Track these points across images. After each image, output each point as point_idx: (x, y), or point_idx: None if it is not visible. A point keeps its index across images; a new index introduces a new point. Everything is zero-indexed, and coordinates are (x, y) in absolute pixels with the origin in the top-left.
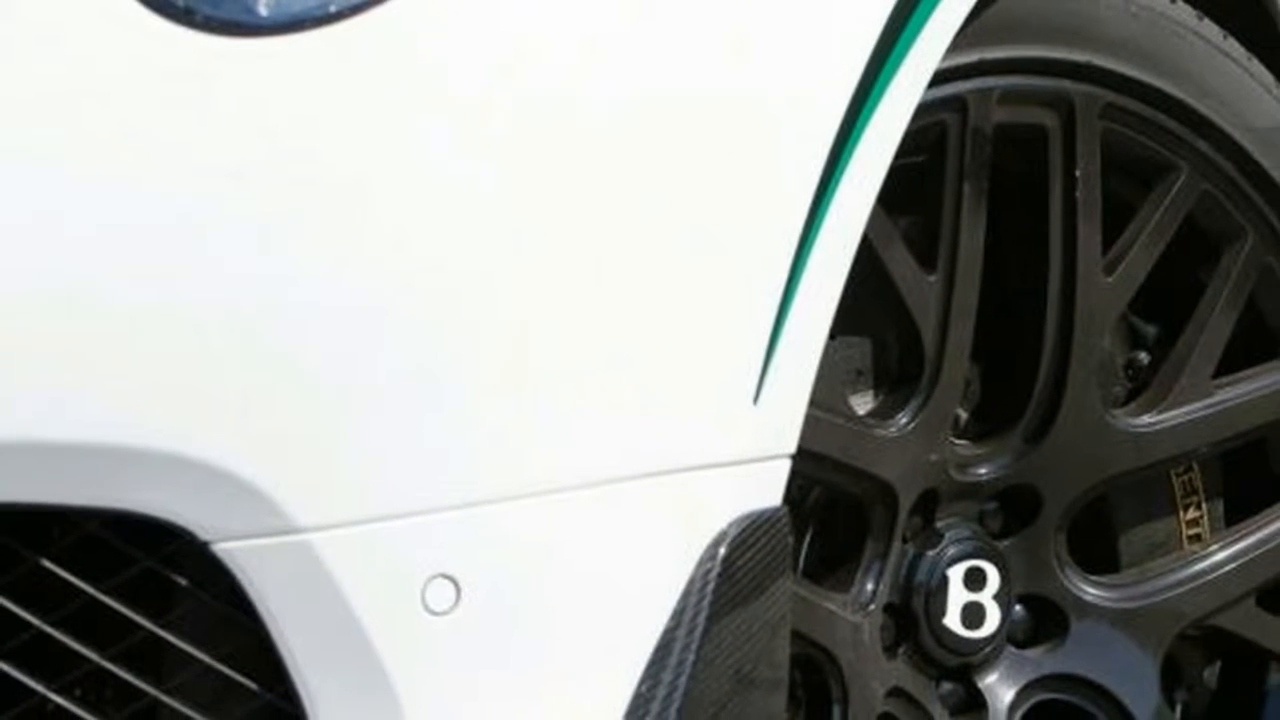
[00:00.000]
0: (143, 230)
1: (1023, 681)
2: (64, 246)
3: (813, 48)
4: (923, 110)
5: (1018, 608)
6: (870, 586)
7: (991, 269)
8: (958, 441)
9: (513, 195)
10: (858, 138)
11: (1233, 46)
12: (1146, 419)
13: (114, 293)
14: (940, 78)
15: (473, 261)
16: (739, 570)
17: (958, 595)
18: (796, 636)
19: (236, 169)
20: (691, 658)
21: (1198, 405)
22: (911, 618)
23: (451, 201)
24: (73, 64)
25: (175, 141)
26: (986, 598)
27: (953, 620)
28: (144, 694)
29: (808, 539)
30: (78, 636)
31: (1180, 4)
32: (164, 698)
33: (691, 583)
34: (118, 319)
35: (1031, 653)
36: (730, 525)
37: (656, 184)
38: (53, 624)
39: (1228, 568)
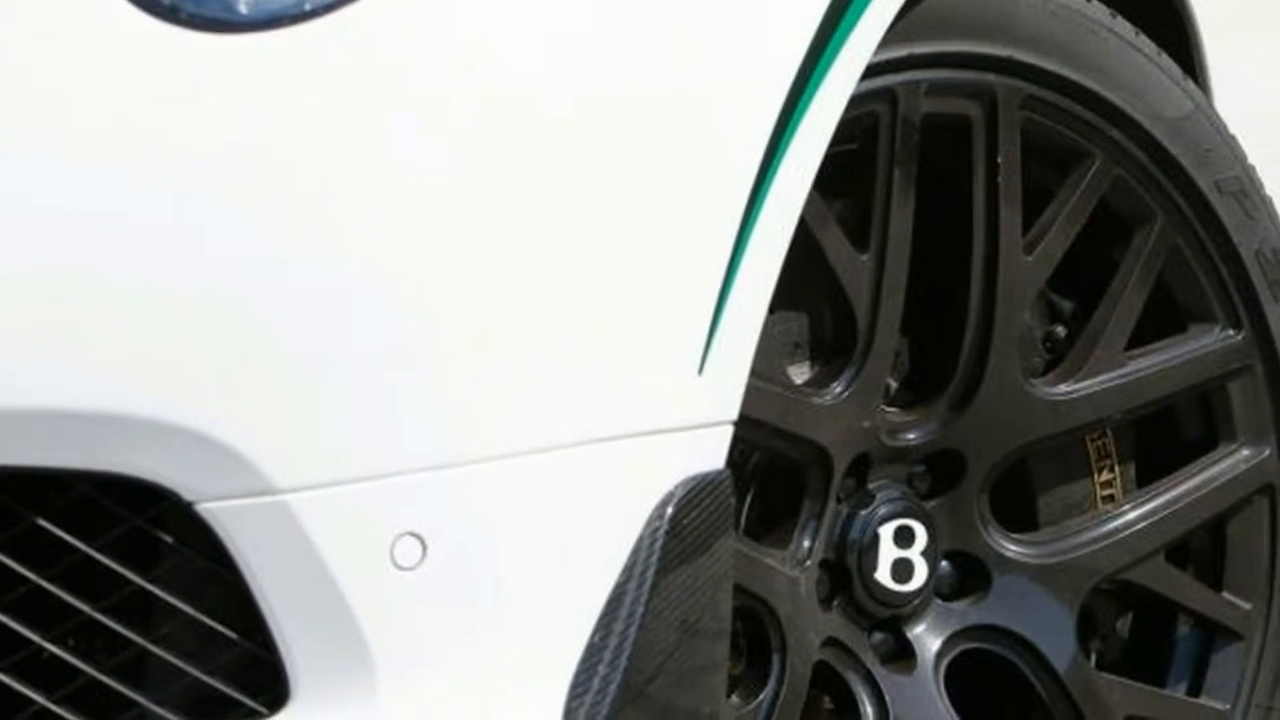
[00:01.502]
0: (133, 216)
1: (948, 632)
2: (61, 232)
3: (753, 46)
4: (855, 102)
5: (944, 563)
6: (807, 544)
7: (920, 249)
8: (888, 409)
9: (475, 182)
10: (795, 128)
11: (1144, 42)
12: (1064, 388)
13: (108, 275)
14: (871, 71)
15: (438, 244)
16: (685, 529)
17: (888, 552)
18: (738, 590)
19: (219, 158)
20: (641, 610)
21: (1111, 375)
22: (845, 573)
23: (418, 188)
24: (67, 60)
25: (163, 133)
26: (915, 554)
27: (883, 575)
28: (132, 643)
29: (749, 499)
30: (71, 590)
31: (1095, 2)
32: (151, 647)
33: (641, 540)
34: (111, 298)
35: (957, 605)
36: (677, 487)
37: (609, 172)
38: (48, 578)
39: (1139, 526)
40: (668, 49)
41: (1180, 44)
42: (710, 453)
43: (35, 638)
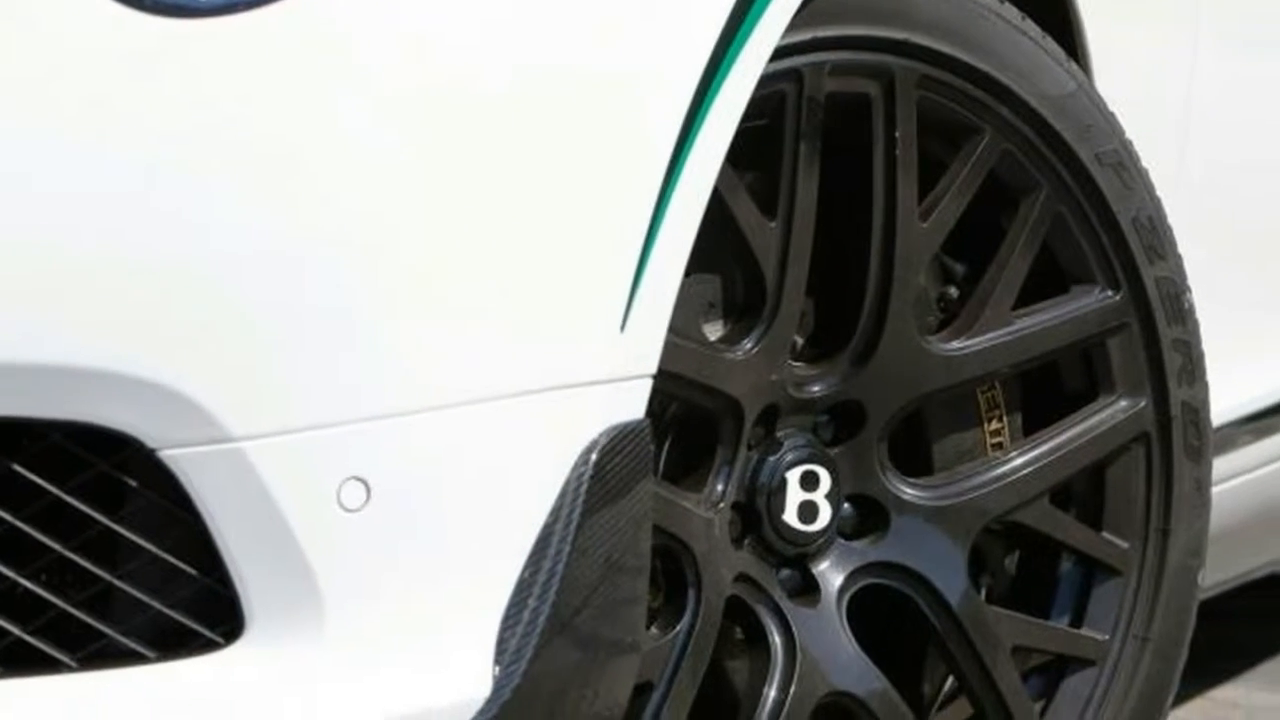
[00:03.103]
0: (104, 189)
1: (850, 568)
2: (38, 203)
3: (671, 30)
4: (764, 81)
5: (846, 505)
6: (720, 487)
7: (823, 216)
8: (795, 363)
9: (416, 156)
10: (709, 105)
11: (1030, 26)
12: (956, 344)
13: (81, 242)
14: (779, 53)
15: (382, 211)
16: (608, 473)
17: (795, 495)
18: (657, 530)
19: (182, 135)
20: (568, 548)
21: (999, 332)
22: (755, 514)
23: (364, 162)
24: (41, 45)
25: (131, 112)
26: (819, 497)
27: (790, 516)
28: (100, 579)
29: (666, 446)
30: (43, 530)
31: None
32: (117, 582)
33: (567, 484)
34: (83, 264)
35: (858, 544)
36: (600, 435)
37: (539, 146)
38: (21, 519)
39: (1025, 471)
40: (593, 34)
41: (1063, 28)
42: (631, 404)
43: (10, 574)
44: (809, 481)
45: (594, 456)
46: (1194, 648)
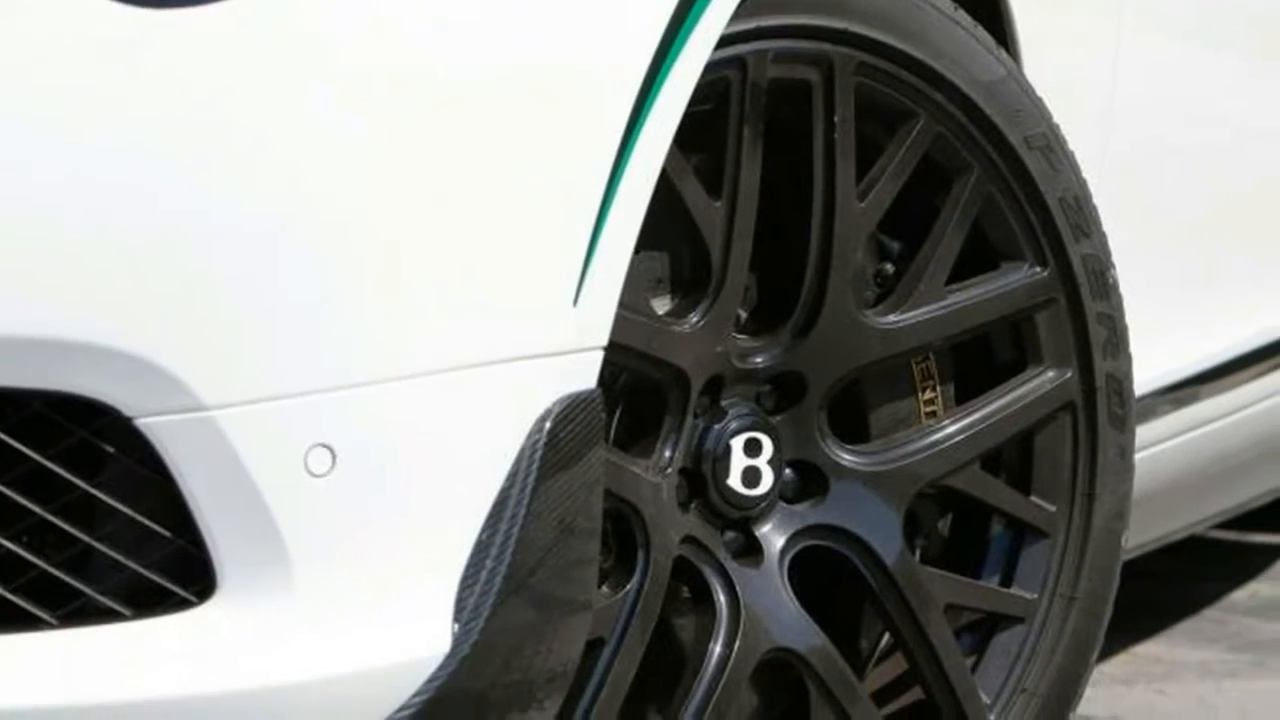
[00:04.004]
0: (84, 170)
1: (791, 530)
2: (22, 184)
3: (622, 20)
4: (710, 68)
5: (787, 471)
6: (668, 453)
7: (766, 196)
8: (739, 336)
9: (381, 139)
10: (657, 91)
11: (962, 16)
12: (892, 318)
13: (62, 221)
14: (724, 42)
15: (348, 192)
16: (561, 440)
17: (738, 460)
18: (608, 494)
19: (159, 120)
20: (523, 511)
21: (933, 307)
22: (701, 479)
23: (332, 144)
24: (27, 34)
25: (110, 98)
26: (762, 463)
27: (735, 481)
28: (79, 541)
29: (617, 415)
30: (25, 494)
31: None
32: (95, 544)
33: (523, 451)
34: (64, 242)
35: (799, 507)
36: (554, 404)
37: (497, 130)
38: (4, 484)
39: (957, 438)
40: (548, 24)
41: (993, 17)
42: (584, 374)
43: None
44: (752, 448)
45: (548, 425)
46: (1118, 606)
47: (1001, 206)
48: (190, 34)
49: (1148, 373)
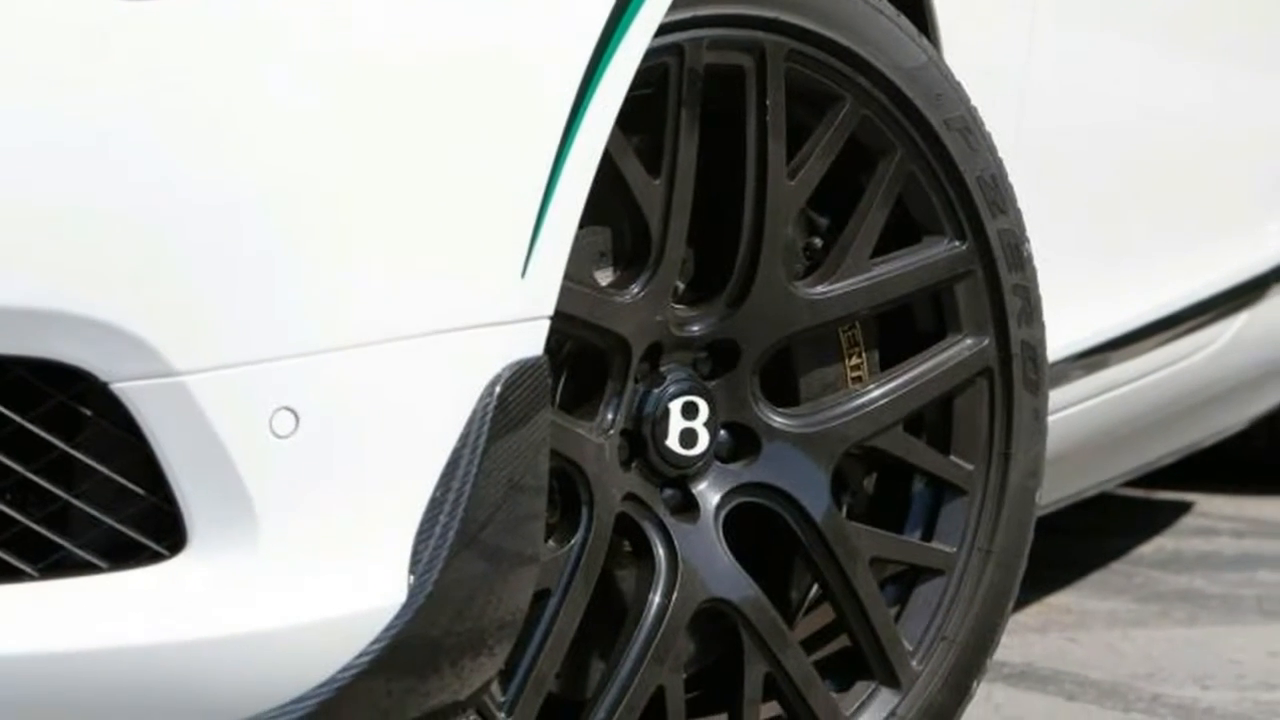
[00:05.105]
0: (60, 148)
1: (726, 488)
2: (2, 164)
3: (569, 9)
4: (650, 55)
5: (722, 432)
6: (610, 416)
7: (702, 175)
8: (677, 306)
9: (337, 118)
10: (601, 75)
11: (885, 5)
12: (820, 289)
13: (40, 196)
14: (663, 30)
15: (306, 168)
16: (510, 404)
17: (676, 423)
18: (554, 454)
19: (129, 100)
20: (475, 470)
21: (859, 278)
22: (641, 440)
23: (290, 122)
24: (7, 20)
25: (85, 79)
26: (699, 424)
27: (673, 442)
28: (58, 498)
29: (563, 380)
30: (7, 454)
31: None
32: (74, 501)
33: (474, 413)
34: (42, 216)
35: (733, 466)
36: (504, 370)
37: (448, 111)
38: None
39: (882, 402)
40: (498, 11)
41: (915, 6)
42: (531, 342)
43: None
44: (689, 411)
45: (498, 389)
46: (1032, 559)
47: (923, 184)
48: (158, 20)
49: (1060, 340)
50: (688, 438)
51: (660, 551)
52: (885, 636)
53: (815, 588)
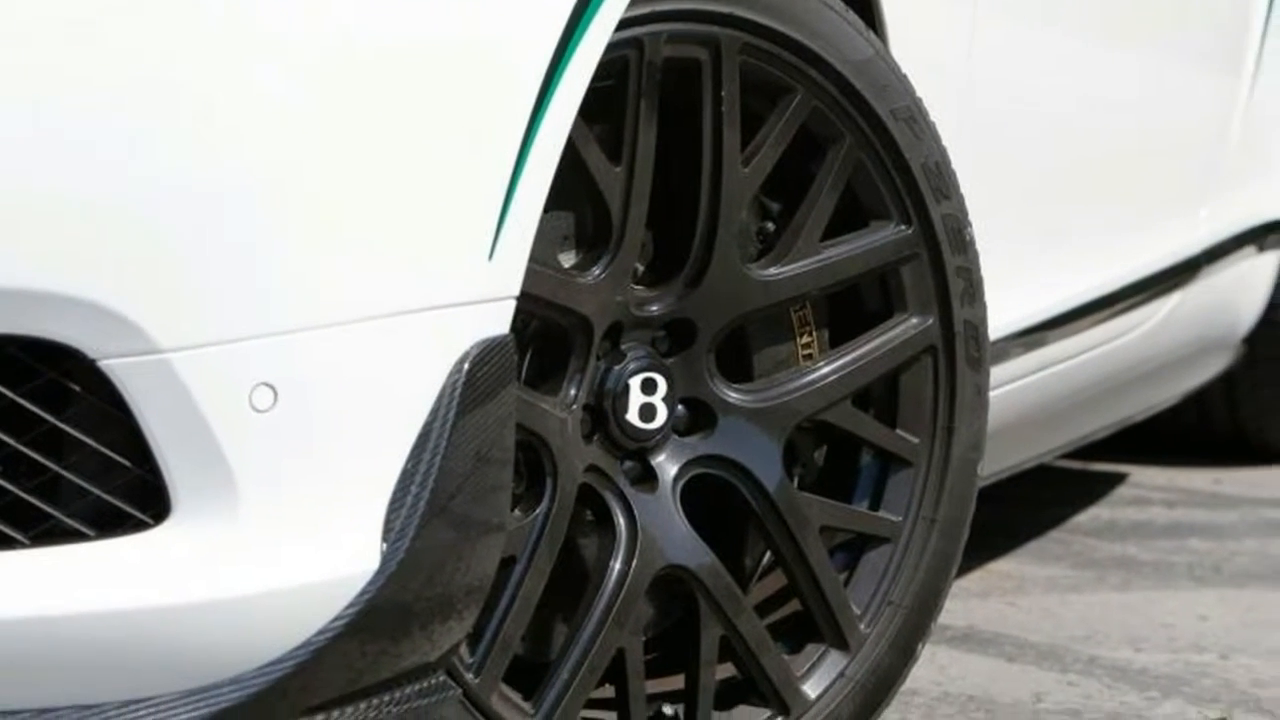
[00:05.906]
0: (50, 136)
1: (683, 460)
2: None
3: (532, 5)
4: (611, 48)
5: (680, 407)
6: (573, 391)
7: (661, 162)
8: (636, 287)
9: (315, 105)
10: (564, 68)
11: (834, 1)
12: (773, 271)
13: (31, 182)
14: (623, 24)
15: (285, 153)
16: (478, 380)
17: (636, 398)
18: (519, 428)
19: (117, 90)
20: (444, 443)
21: (810, 261)
22: (603, 414)
23: (270, 110)
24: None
25: (75, 68)
26: (657, 399)
27: (633, 416)
28: (48, 469)
29: (528, 357)
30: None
31: None
32: (64, 472)
33: (444, 390)
34: (32, 200)
35: (690, 439)
36: (472, 348)
37: (419, 101)
38: None
39: (831, 378)
40: (468, 4)
41: (863, 2)
42: (498, 321)
43: None
44: (648, 387)
45: (466, 366)
46: (974, 527)
47: (870, 171)
48: (143, 12)
49: (1001, 319)
50: (647, 412)
51: (621, 520)
52: (835, 601)
53: (768, 555)
